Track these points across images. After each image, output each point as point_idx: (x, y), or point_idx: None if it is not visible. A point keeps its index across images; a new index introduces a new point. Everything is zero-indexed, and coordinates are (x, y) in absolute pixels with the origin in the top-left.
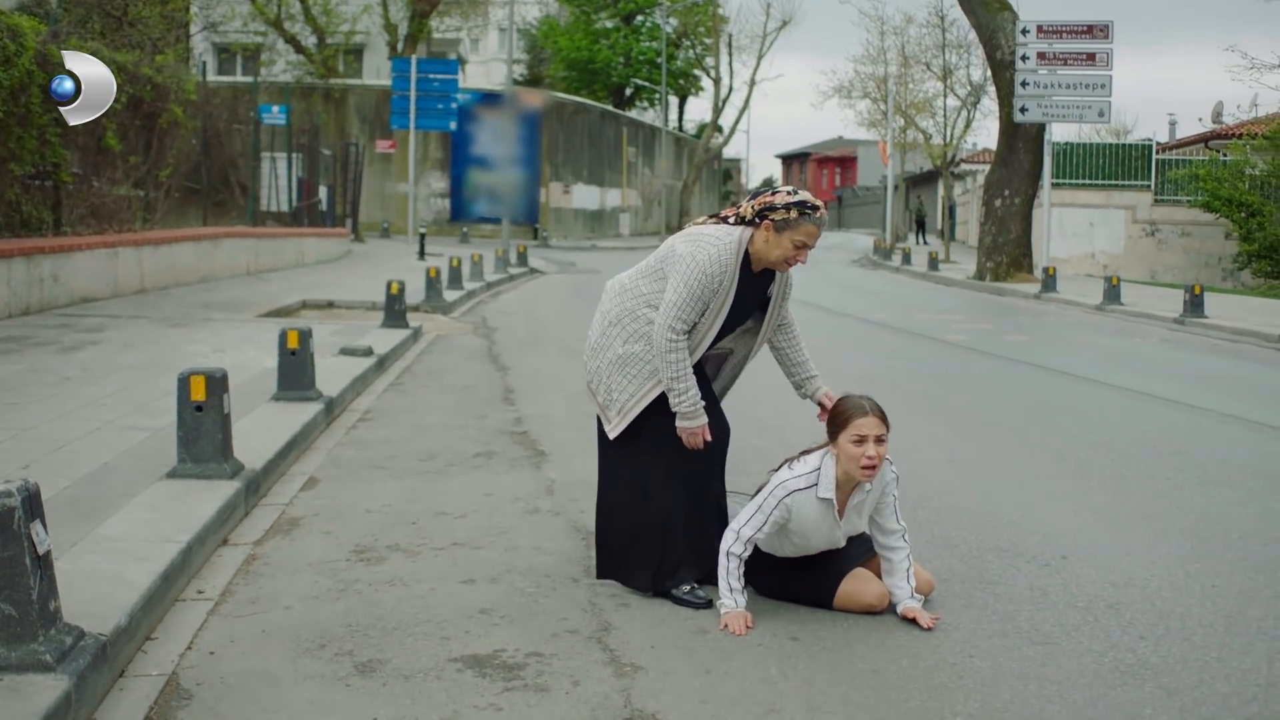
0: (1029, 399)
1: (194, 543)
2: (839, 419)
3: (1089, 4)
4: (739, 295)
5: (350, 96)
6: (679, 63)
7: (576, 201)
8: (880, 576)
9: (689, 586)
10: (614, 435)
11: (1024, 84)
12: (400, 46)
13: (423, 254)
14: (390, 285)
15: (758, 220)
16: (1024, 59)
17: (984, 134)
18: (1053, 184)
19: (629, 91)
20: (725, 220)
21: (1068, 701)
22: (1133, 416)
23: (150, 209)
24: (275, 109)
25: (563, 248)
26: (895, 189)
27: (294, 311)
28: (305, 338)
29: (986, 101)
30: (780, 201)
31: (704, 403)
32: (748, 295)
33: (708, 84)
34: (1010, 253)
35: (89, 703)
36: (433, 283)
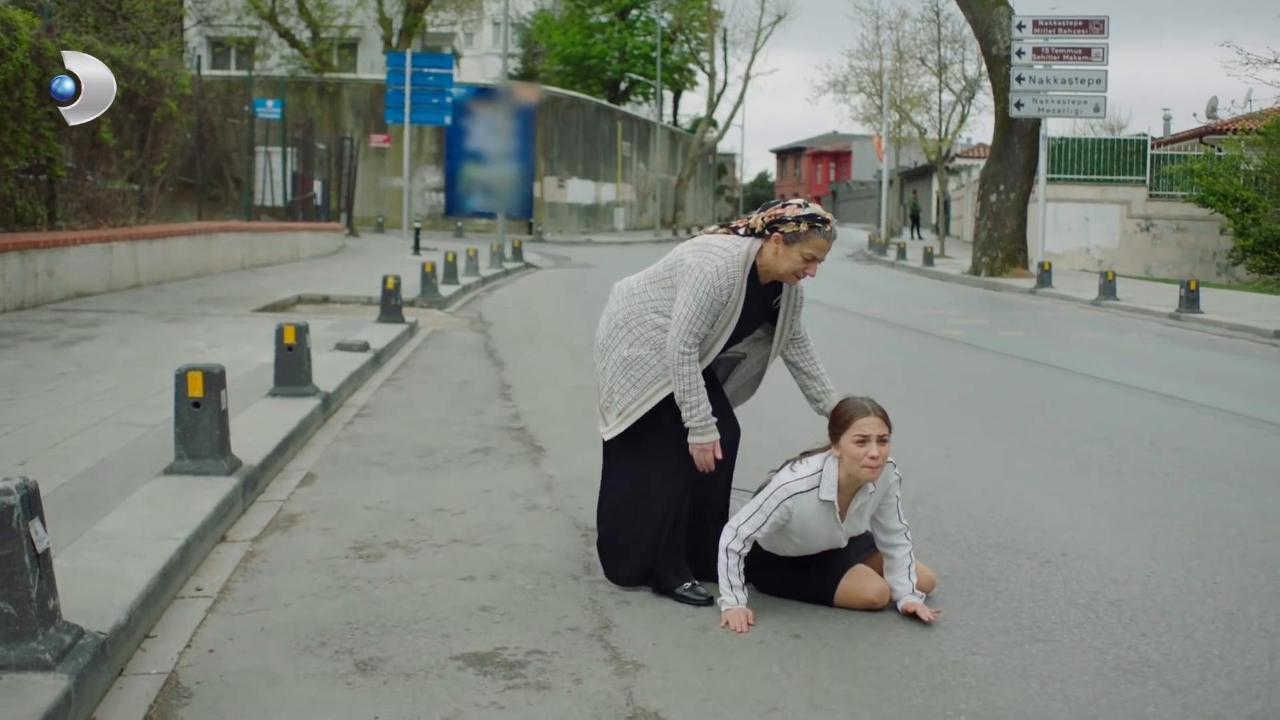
0: (1026, 394)
1: (192, 540)
2: (840, 420)
3: None
4: (746, 307)
5: (345, 91)
6: (674, 57)
7: (571, 196)
8: (882, 573)
9: (689, 584)
10: (608, 437)
11: (1019, 79)
12: (395, 41)
13: (418, 249)
14: (386, 280)
15: (767, 232)
16: (1019, 54)
17: (979, 129)
18: (1048, 179)
19: (624, 86)
20: (735, 231)
21: (1071, 699)
22: (1130, 412)
23: (145, 203)
24: (270, 103)
25: (557, 242)
26: (890, 184)
27: (289, 306)
28: (302, 333)
29: (981, 96)
30: (791, 214)
31: (715, 419)
32: (755, 307)
33: (702, 78)
34: (1005, 248)
35: (88, 701)
36: (428, 278)
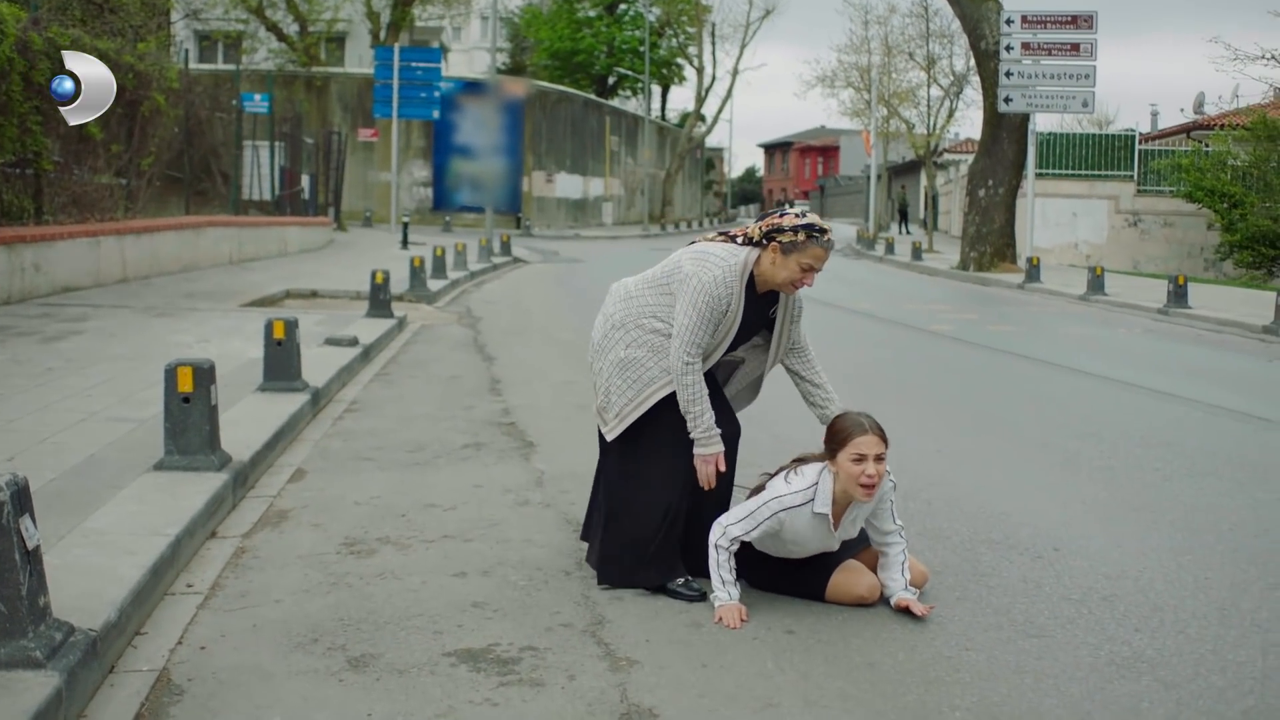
0: (1016, 390)
1: (183, 536)
2: (838, 437)
3: None
4: (744, 316)
5: (333, 85)
6: (662, 52)
7: (559, 190)
8: (874, 568)
9: (682, 579)
10: (610, 438)
11: (1008, 74)
12: (383, 35)
13: (406, 243)
14: (375, 275)
15: (765, 242)
16: (1008, 49)
17: (966, 124)
18: (1036, 174)
19: (612, 80)
20: (734, 240)
21: (1065, 695)
22: (1120, 407)
23: (132, 198)
24: (257, 97)
25: (545, 237)
26: (878, 179)
27: (278, 301)
28: (291, 328)
29: (969, 91)
30: (788, 224)
31: (719, 431)
32: (752, 316)
33: (690, 73)
34: (994, 243)
35: (80, 699)
36: (417, 272)
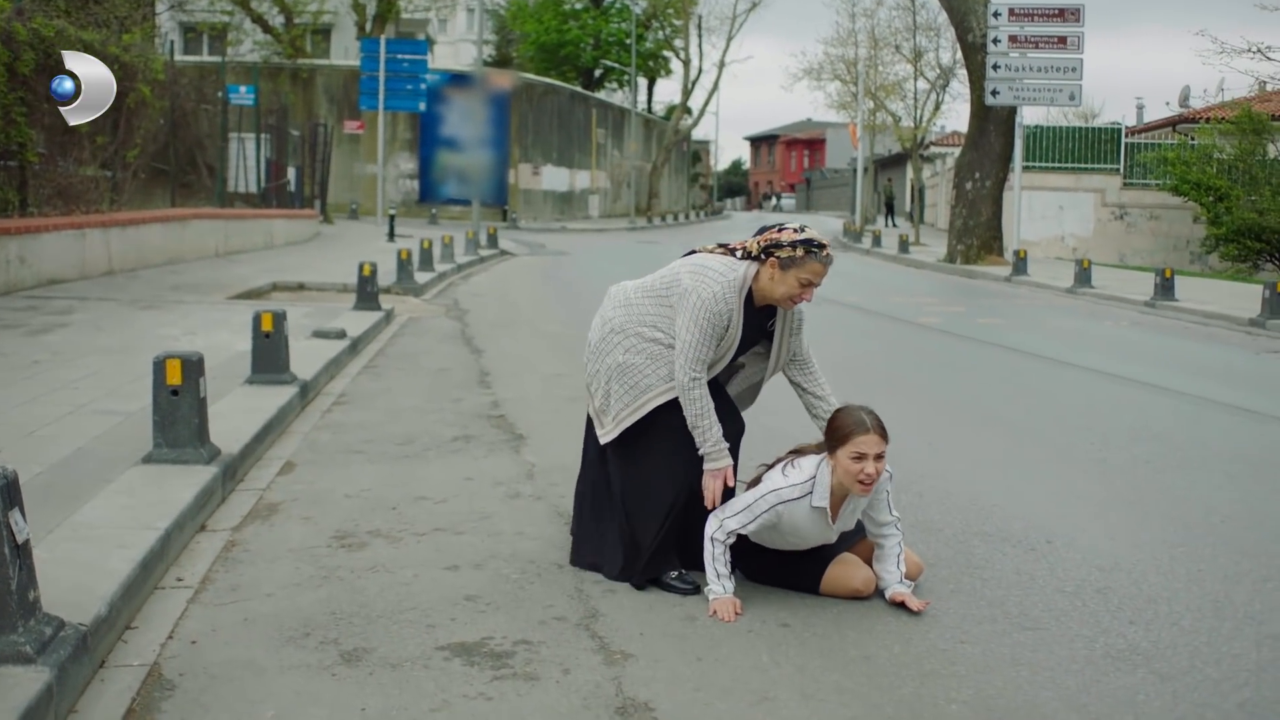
0: (1006, 382)
1: (172, 529)
2: (839, 433)
3: None
4: (743, 331)
5: (318, 77)
6: (648, 44)
7: (545, 183)
8: (869, 560)
9: (676, 572)
10: (604, 441)
11: (995, 67)
12: (369, 27)
13: (392, 235)
14: (362, 267)
15: (763, 256)
16: (995, 42)
17: (953, 117)
18: (1023, 167)
19: (598, 73)
20: (732, 253)
21: (1061, 687)
22: (1110, 400)
23: (117, 190)
24: (243, 89)
25: (532, 229)
26: (865, 171)
27: (265, 293)
28: (280, 320)
29: (956, 84)
30: (786, 239)
31: (727, 445)
32: (750, 331)
33: (677, 66)
34: (981, 236)
35: (70, 694)
36: (404, 264)
